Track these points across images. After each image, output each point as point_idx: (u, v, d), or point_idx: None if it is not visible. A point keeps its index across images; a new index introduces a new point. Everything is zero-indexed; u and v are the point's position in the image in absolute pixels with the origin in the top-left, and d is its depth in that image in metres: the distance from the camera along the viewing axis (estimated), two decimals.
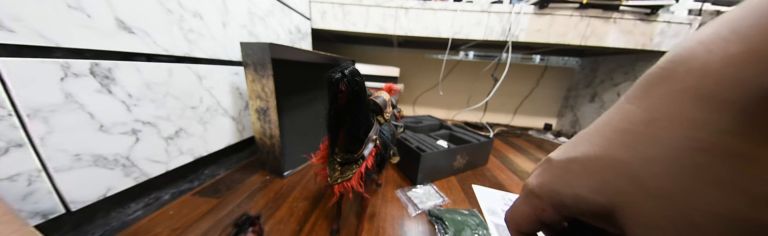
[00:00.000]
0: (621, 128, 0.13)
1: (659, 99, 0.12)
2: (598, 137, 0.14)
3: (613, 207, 0.12)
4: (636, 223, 0.12)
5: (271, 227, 0.46)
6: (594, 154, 0.13)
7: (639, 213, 0.12)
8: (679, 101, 0.11)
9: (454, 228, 0.46)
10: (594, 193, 0.13)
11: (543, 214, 0.16)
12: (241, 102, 0.67)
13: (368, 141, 0.36)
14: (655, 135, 0.11)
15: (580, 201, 0.14)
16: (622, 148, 0.12)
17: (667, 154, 0.11)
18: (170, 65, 0.47)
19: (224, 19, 0.58)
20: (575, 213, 0.14)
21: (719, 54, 0.10)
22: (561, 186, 0.15)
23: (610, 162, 0.13)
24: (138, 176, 0.44)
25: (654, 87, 0.12)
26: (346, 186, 0.35)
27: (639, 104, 0.12)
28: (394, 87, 0.56)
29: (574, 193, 0.14)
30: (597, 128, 0.14)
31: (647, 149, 0.11)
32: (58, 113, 0.33)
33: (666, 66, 0.12)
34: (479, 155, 0.77)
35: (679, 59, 0.11)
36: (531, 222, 0.17)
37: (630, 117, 0.13)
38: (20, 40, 0.29)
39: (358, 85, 0.29)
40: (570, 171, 0.14)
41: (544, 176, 0.16)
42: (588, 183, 0.13)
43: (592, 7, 0.90)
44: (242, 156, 0.75)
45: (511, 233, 0.18)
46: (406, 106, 1.67)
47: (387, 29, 1.01)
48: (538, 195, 0.16)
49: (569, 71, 1.50)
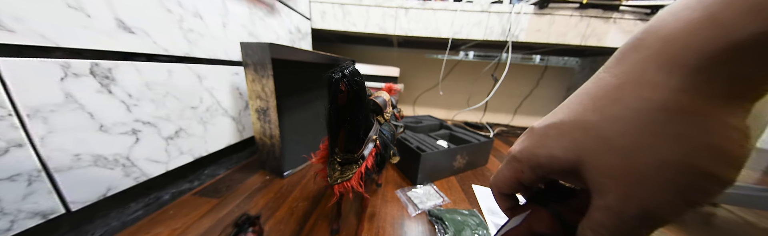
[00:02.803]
0: (595, 94, 0.14)
1: (629, 66, 0.13)
2: (576, 104, 0.15)
3: (580, 162, 0.14)
4: (596, 174, 0.13)
5: (271, 227, 0.46)
6: (569, 118, 0.15)
7: (599, 166, 0.13)
8: (644, 67, 0.12)
9: (454, 228, 0.46)
10: (565, 152, 0.14)
11: (522, 176, 0.17)
12: (241, 102, 0.67)
13: (368, 141, 0.36)
14: (621, 98, 0.12)
15: (553, 160, 0.15)
16: (593, 111, 0.13)
17: (630, 113, 0.12)
18: (170, 65, 0.47)
19: (224, 20, 0.58)
20: (549, 172, 0.16)
21: (683, 22, 0.11)
22: (538, 149, 0.16)
23: (582, 124, 0.14)
24: (138, 176, 0.44)
25: (626, 56, 0.13)
26: (346, 186, 0.35)
27: (612, 71, 0.14)
28: (394, 87, 0.56)
29: (548, 153, 0.15)
30: (575, 97, 0.15)
31: (613, 110, 0.13)
32: (58, 113, 0.33)
33: (639, 36, 0.13)
34: (479, 155, 0.77)
35: (651, 28, 0.12)
36: (511, 183, 0.18)
37: (603, 85, 0.14)
38: (20, 40, 0.29)
39: (358, 85, 0.29)
40: (547, 136, 0.16)
41: (525, 142, 0.17)
42: (561, 144, 0.15)
43: (592, 7, 0.90)
44: (242, 156, 0.75)
45: (493, 195, 0.20)
46: (406, 106, 1.67)
47: (387, 29, 1.01)
48: (519, 158, 0.17)
49: (569, 71, 1.50)
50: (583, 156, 0.13)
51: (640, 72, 0.12)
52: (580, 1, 0.88)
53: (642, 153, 0.12)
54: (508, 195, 0.20)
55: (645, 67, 0.12)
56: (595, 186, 0.13)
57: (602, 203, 0.13)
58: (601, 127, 0.13)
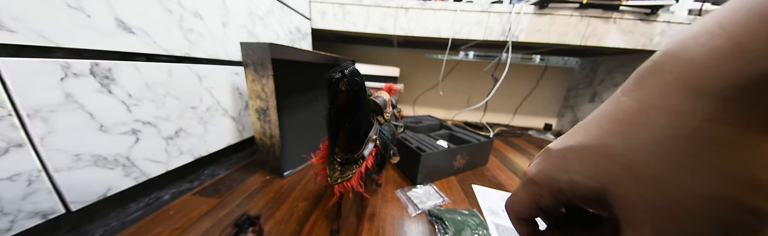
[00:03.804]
0: (615, 118, 0.13)
1: (650, 91, 0.12)
2: (594, 127, 0.14)
3: (605, 190, 0.13)
4: (625, 205, 0.12)
5: (271, 227, 0.46)
6: (589, 142, 0.14)
7: (628, 196, 0.12)
8: (667, 92, 0.12)
9: (454, 228, 0.46)
10: (587, 178, 0.14)
11: (541, 200, 0.16)
12: (241, 102, 0.67)
13: (368, 141, 0.36)
14: (645, 124, 0.12)
15: (575, 187, 0.14)
16: (614, 136, 0.13)
17: (655, 140, 0.12)
18: (170, 65, 0.47)
19: (224, 19, 0.58)
20: (571, 199, 0.15)
21: (706, 48, 0.11)
22: (558, 173, 0.15)
23: (603, 149, 0.13)
24: (138, 176, 0.44)
25: (646, 80, 0.13)
26: (346, 186, 0.35)
27: (632, 95, 0.13)
28: (394, 87, 0.56)
29: (569, 179, 0.14)
30: (593, 118, 0.15)
31: (637, 136, 0.12)
32: (58, 113, 0.33)
33: (658, 60, 0.12)
34: (479, 155, 0.77)
35: (671, 52, 0.12)
36: (529, 208, 0.17)
37: (624, 108, 0.13)
38: (20, 40, 0.29)
39: (358, 85, 0.29)
40: (566, 159, 0.15)
41: (542, 164, 0.16)
42: (582, 169, 0.14)
43: (592, 7, 0.90)
44: (242, 156, 0.75)
45: (511, 220, 0.19)
46: (406, 106, 1.67)
47: (387, 29, 1.01)
48: (537, 182, 0.16)
49: (569, 71, 1.50)
50: (609, 185, 0.13)
51: (664, 98, 0.12)
52: (580, 1, 0.88)
53: (671, 184, 0.11)
54: (526, 219, 0.18)
55: (668, 92, 0.11)
56: (626, 217, 0.13)
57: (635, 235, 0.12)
58: (624, 154, 0.12)
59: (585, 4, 0.89)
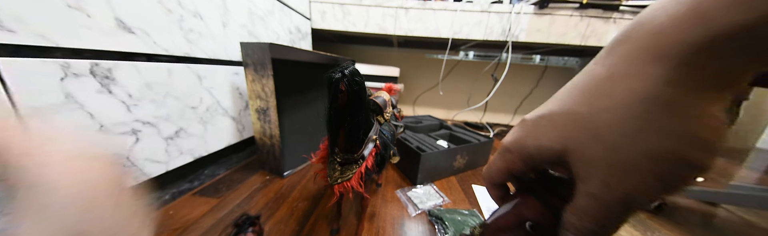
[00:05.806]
0: (585, 86, 0.14)
1: (617, 58, 0.13)
2: (565, 96, 0.15)
3: (565, 151, 0.14)
4: (582, 162, 0.14)
5: (271, 227, 0.46)
6: (560, 110, 0.15)
7: (585, 154, 0.13)
8: (632, 59, 0.12)
9: (454, 228, 0.46)
10: (553, 142, 0.15)
11: (513, 166, 0.18)
12: (241, 102, 0.67)
13: (368, 141, 0.36)
14: (610, 89, 0.13)
15: (542, 150, 0.15)
16: (582, 103, 0.14)
17: (617, 104, 0.12)
18: (170, 65, 0.47)
19: (224, 19, 0.58)
20: (538, 162, 0.16)
21: (671, 15, 0.11)
22: (529, 140, 0.16)
23: (571, 116, 0.14)
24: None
25: (615, 48, 0.13)
26: (346, 186, 0.35)
27: (602, 63, 0.14)
28: (394, 87, 0.56)
29: (538, 144, 0.16)
30: (566, 88, 0.16)
31: (603, 102, 0.13)
32: (58, 113, 0.33)
33: (628, 28, 0.13)
34: (479, 155, 0.77)
35: (641, 21, 0.13)
36: (502, 173, 0.19)
37: (594, 76, 0.14)
38: (20, 40, 0.29)
39: (358, 85, 0.29)
40: (538, 126, 0.16)
41: (516, 133, 0.18)
42: (550, 134, 0.15)
43: (592, 7, 0.90)
44: (242, 156, 0.75)
45: (486, 185, 0.21)
46: (406, 106, 1.67)
47: (387, 29, 1.01)
48: (510, 149, 0.17)
49: (569, 71, 1.50)
50: (570, 146, 0.14)
51: (628, 64, 0.12)
52: (580, 1, 0.88)
53: (627, 143, 0.12)
54: (499, 184, 0.20)
55: (633, 59, 0.12)
56: (580, 173, 0.14)
57: (586, 189, 0.13)
58: (588, 119, 0.13)
59: (585, 4, 0.89)
